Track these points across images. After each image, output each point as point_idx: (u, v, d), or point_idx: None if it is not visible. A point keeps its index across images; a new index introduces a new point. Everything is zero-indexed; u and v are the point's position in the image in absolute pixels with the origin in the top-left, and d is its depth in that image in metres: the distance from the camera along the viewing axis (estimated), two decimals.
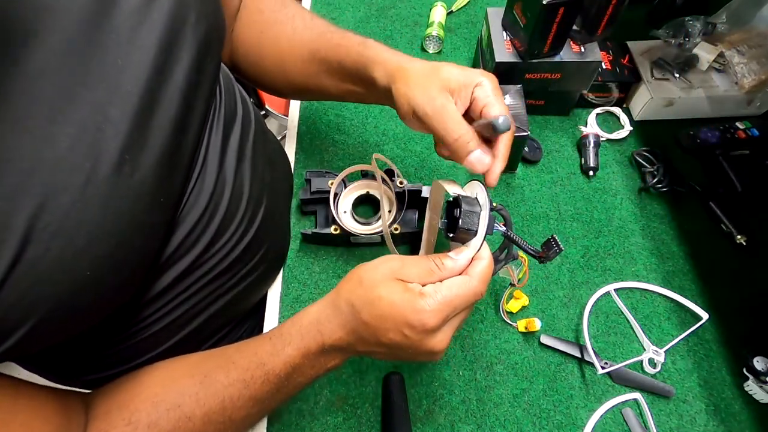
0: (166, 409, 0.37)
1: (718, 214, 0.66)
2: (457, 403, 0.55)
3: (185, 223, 0.41)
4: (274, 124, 1.60)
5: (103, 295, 0.33)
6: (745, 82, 0.70)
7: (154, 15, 0.33)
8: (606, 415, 0.55)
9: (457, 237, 0.39)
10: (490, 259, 0.39)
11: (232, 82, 0.51)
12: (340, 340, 0.39)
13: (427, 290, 0.36)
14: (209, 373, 0.39)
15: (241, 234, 0.48)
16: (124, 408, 0.37)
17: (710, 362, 0.58)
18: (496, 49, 0.69)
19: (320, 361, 0.40)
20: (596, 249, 0.66)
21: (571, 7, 0.61)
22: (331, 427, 0.54)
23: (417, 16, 0.90)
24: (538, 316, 0.60)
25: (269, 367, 0.39)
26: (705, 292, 0.62)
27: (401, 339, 0.36)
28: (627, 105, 0.78)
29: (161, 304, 0.44)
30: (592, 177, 0.72)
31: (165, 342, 0.47)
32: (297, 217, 0.68)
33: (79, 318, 0.32)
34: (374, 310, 0.36)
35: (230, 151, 0.46)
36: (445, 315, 0.36)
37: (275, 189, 0.55)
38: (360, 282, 0.38)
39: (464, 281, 0.37)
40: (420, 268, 0.38)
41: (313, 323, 0.40)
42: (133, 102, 0.32)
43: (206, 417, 0.38)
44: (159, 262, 0.40)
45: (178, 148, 0.37)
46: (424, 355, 0.38)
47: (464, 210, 0.38)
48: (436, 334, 0.37)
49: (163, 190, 0.35)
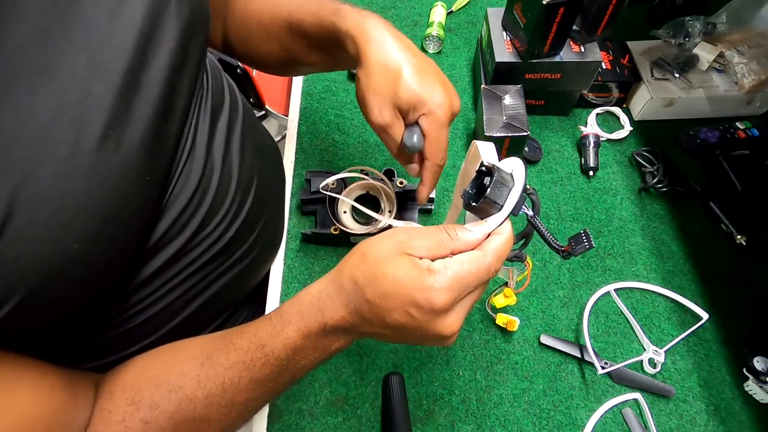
0: (168, 390, 0.37)
1: (718, 214, 0.66)
2: (457, 403, 0.55)
3: (174, 206, 0.41)
4: (274, 124, 1.60)
5: (90, 271, 0.33)
6: (745, 82, 0.70)
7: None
8: (606, 415, 0.55)
9: (479, 208, 0.34)
10: (509, 236, 0.35)
11: (220, 72, 0.52)
12: (343, 320, 0.36)
13: (436, 266, 0.33)
14: (210, 355, 0.39)
15: (230, 220, 0.48)
16: (127, 388, 0.37)
17: (710, 362, 0.58)
18: (496, 49, 0.69)
19: (323, 343, 0.38)
20: (596, 249, 0.66)
21: (571, 7, 0.61)
22: (331, 427, 0.54)
23: (417, 16, 0.90)
24: (538, 316, 0.60)
25: (269, 349, 0.38)
26: (705, 292, 0.62)
27: (407, 320, 0.33)
28: (627, 105, 0.78)
29: (151, 290, 0.43)
30: (592, 177, 0.72)
31: (159, 329, 0.47)
32: (297, 217, 0.68)
33: (67, 295, 0.32)
34: (378, 288, 0.33)
35: (218, 138, 0.46)
36: (456, 294, 0.33)
37: (265, 177, 0.55)
38: (364, 257, 0.35)
39: (477, 256, 0.34)
40: (430, 239, 0.35)
41: (313, 302, 0.37)
42: (115, 79, 0.32)
43: (207, 399, 0.37)
44: (148, 244, 0.40)
45: (163, 128, 0.37)
46: (434, 339, 0.35)
47: (495, 180, 0.34)
48: (446, 316, 0.34)
49: (149, 169, 0.35)
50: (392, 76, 0.44)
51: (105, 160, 0.31)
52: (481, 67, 0.76)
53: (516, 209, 0.35)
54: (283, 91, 1.37)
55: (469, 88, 0.81)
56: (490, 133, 0.64)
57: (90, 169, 0.31)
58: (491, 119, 0.65)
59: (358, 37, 0.46)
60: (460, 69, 0.84)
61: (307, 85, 0.82)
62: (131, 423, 0.35)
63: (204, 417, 0.38)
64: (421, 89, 0.44)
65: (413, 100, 0.44)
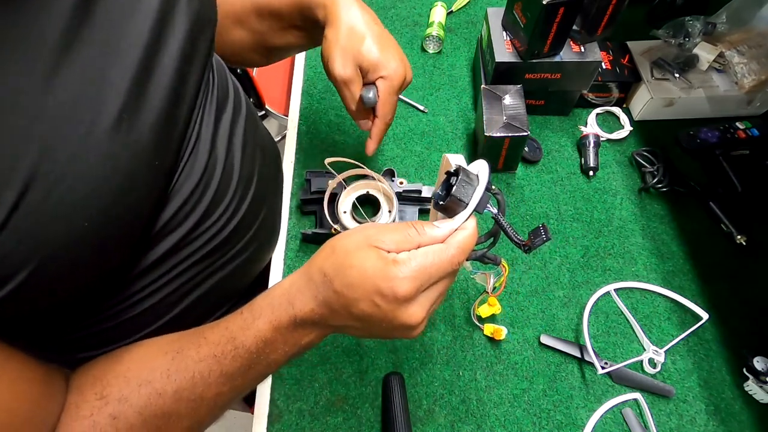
0: (137, 385, 0.37)
1: (718, 214, 0.66)
2: (457, 403, 0.55)
3: (179, 194, 0.42)
4: (274, 124, 1.60)
5: (97, 251, 0.33)
6: (745, 82, 0.70)
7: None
8: (606, 415, 0.55)
9: (446, 206, 0.37)
10: (473, 231, 0.37)
11: (225, 70, 0.53)
12: (312, 312, 0.37)
13: (401, 257, 0.35)
14: (181, 350, 0.39)
15: (231, 212, 0.49)
16: (96, 382, 0.37)
17: (710, 362, 0.58)
18: (496, 49, 0.69)
19: (293, 336, 0.39)
20: (596, 249, 0.66)
21: (571, 7, 0.61)
22: (331, 427, 0.54)
23: (417, 16, 0.90)
24: (538, 316, 0.60)
25: (239, 341, 0.38)
26: (705, 292, 0.62)
27: (373, 310, 0.35)
28: (627, 105, 0.78)
29: (152, 279, 0.44)
30: (592, 177, 0.72)
31: (157, 320, 0.47)
32: (297, 217, 0.68)
33: (73, 274, 0.33)
34: (345, 279, 0.35)
35: (222, 131, 0.48)
36: (419, 283, 0.34)
37: (264, 175, 0.56)
38: (333, 250, 0.37)
39: (441, 248, 0.36)
40: (397, 234, 0.36)
41: (284, 295, 0.38)
42: (131, 65, 0.34)
43: (177, 394, 0.37)
44: (152, 231, 0.41)
45: (173, 115, 0.38)
46: (399, 330, 0.37)
47: (461, 179, 0.36)
48: (409, 305, 0.35)
49: (158, 154, 0.37)
50: (357, 37, 0.50)
51: (119, 142, 0.32)
52: (481, 67, 0.76)
53: (480, 206, 0.37)
54: (283, 91, 1.37)
55: (469, 88, 0.81)
56: (490, 133, 0.64)
57: (104, 150, 0.31)
58: (491, 119, 0.65)
59: (330, 4, 0.51)
60: (460, 69, 0.84)
61: (307, 85, 0.82)
62: (99, 418, 0.35)
63: (173, 412, 0.37)
64: (382, 54, 0.51)
65: (374, 61, 0.51)
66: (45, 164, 0.28)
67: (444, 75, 0.83)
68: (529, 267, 0.64)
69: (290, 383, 0.56)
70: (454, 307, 0.61)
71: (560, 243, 0.66)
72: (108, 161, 0.32)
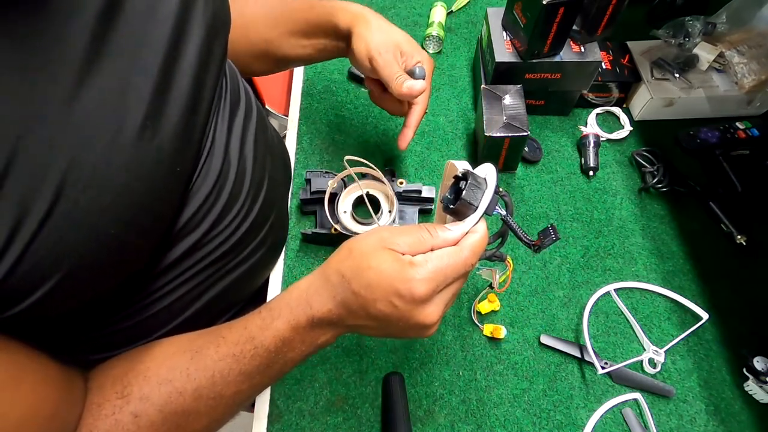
0: (157, 383, 0.37)
1: (718, 214, 0.66)
2: (457, 403, 0.55)
3: (195, 198, 0.43)
4: (274, 124, 1.59)
5: (122, 256, 0.34)
6: (745, 82, 0.70)
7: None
8: (606, 415, 0.55)
9: (456, 210, 0.38)
10: (484, 233, 0.38)
11: (237, 74, 0.54)
12: (330, 312, 0.38)
13: (417, 259, 0.36)
14: (200, 349, 0.40)
15: (244, 215, 0.49)
16: (117, 382, 0.37)
17: (710, 362, 0.58)
18: (496, 49, 0.69)
19: (310, 336, 0.40)
20: (596, 249, 0.66)
21: (571, 7, 0.61)
22: (331, 427, 0.54)
23: (417, 16, 0.90)
24: (538, 316, 0.60)
25: (258, 341, 0.39)
26: (705, 292, 0.62)
27: (390, 310, 0.36)
28: (627, 105, 0.78)
29: (168, 279, 0.44)
30: (592, 177, 0.72)
31: (171, 321, 0.48)
32: (297, 217, 0.68)
33: (98, 279, 0.33)
34: (363, 280, 0.36)
35: (234, 135, 0.48)
36: (435, 284, 0.36)
37: (274, 177, 0.57)
38: (350, 252, 0.38)
39: (455, 251, 0.37)
40: (411, 236, 0.38)
41: (302, 295, 0.39)
42: (153, 72, 0.34)
43: (196, 392, 0.38)
44: (171, 234, 0.42)
45: (191, 122, 0.38)
46: (415, 329, 0.38)
47: (470, 183, 0.37)
48: (426, 305, 0.36)
49: (178, 161, 0.37)
50: (390, 30, 0.56)
51: (142, 150, 0.33)
52: (481, 67, 0.76)
53: (490, 209, 0.38)
54: (283, 91, 1.37)
55: (469, 88, 0.81)
56: (490, 133, 0.64)
57: (129, 158, 0.32)
58: (491, 119, 0.65)
59: (351, 6, 0.55)
60: (460, 69, 0.84)
61: (307, 85, 0.82)
62: (121, 416, 0.36)
63: (193, 410, 0.38)
64: (415, 45, 0.57)
65: (407, 47, 0.55)
66: (74, 172, 0.29)
67: (444, 75, 0.83)
68: (529, 267, 0.64)
69: (290, 383, 0.56)
70: (454, 306, 0.61)
71: (560, 243, 0.66)
72: (132, 169, 0.32)
